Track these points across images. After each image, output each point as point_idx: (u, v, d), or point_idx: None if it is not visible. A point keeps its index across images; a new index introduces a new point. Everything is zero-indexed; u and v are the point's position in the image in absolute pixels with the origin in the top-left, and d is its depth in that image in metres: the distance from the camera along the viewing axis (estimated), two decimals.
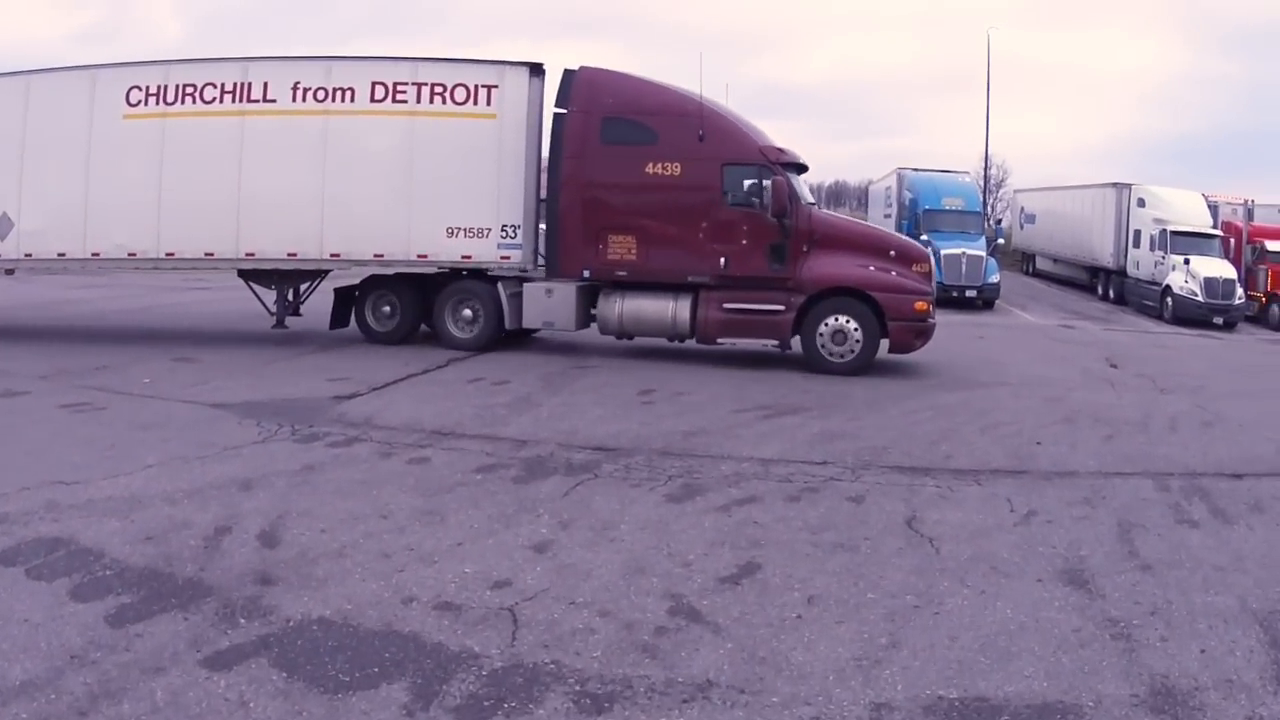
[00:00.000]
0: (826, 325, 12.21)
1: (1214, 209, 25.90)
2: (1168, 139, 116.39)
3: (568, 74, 12.88)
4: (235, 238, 13.07)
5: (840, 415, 9.75)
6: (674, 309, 12.42)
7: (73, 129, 13.05)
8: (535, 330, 13.31)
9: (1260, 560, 5.91)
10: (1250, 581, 5.52)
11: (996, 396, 11.25)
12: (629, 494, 6.70)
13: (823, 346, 12.23)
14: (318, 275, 13.73)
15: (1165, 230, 24.83)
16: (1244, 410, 11.16)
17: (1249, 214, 27.11)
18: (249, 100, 13.10)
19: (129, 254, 13.30)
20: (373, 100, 13.05)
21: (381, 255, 13.08)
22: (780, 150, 12.66)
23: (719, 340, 12.59)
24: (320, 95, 13.08)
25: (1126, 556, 5.88)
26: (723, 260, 12.31)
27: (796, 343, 12.50)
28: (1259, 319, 24.61)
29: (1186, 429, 9.88)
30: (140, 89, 13.12)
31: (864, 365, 12.11)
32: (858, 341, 12.16)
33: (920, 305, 12.27)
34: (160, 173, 13.03)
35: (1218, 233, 24.66)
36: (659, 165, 12.43)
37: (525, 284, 13.02)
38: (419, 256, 13.06)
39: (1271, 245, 24.77)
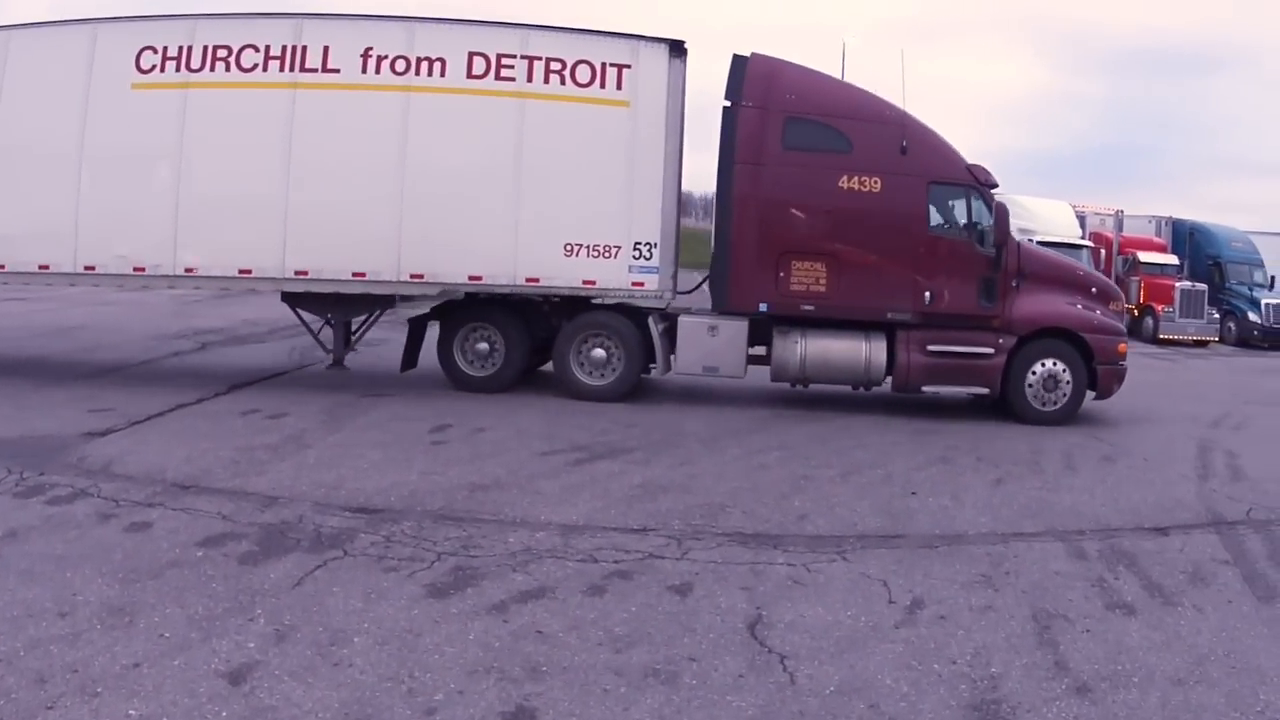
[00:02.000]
0: (1037, 370, 10.25)
1: (1082, 219, 25.10)
2: (1027, 154, 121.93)
3: (739, 60, 10.30)
4: (280, 250, 9.91)
5: (669, 458, 8.08)
6: (868, 351, 10.10)
7: (63, 102, 9.83)
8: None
9: (1225, 661, 4.69)
10: (1221, 700, 4.32)
11: (856, 429, 9.70)
12: (380, 583, 5.06)
13: (1032, 394, 10.21)
14: (387, 302, 10.58)
15: (1031, 240, 23.70)
16: (1146, 440, 10.17)
17: (1119, 224, 26.42)
18: (303, 69, 9.95)
19: (135, 269, 10.03)
20: (469, 75, 10.02)
21: (479, 277, 10.09)
22: (985, 169, 10.38)
23: (923, 389, 10.30)
24: (400, 66, 10.00)
25: (1053, 672, 4.48)
26: (927, 295, 10.06)
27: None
28: (1132, 331, 23.89)
29: (1085, 466, 8.71)
30: (155, 50, 9.89)
31: (1071, 415, 10.29)
32: (1069, 386, 10.27)
33: (1122, 347, 10.68)
34: (180, 162, 9.85)
35: (1087, 243, 23.62)
36: (855, 179, 10.05)
37: (681, 318, 10.29)
38: (528, 280, 10.13)
39: (1144, 256, 24.28)
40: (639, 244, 10.13)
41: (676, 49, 10.22)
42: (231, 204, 9.89)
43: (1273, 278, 24.20)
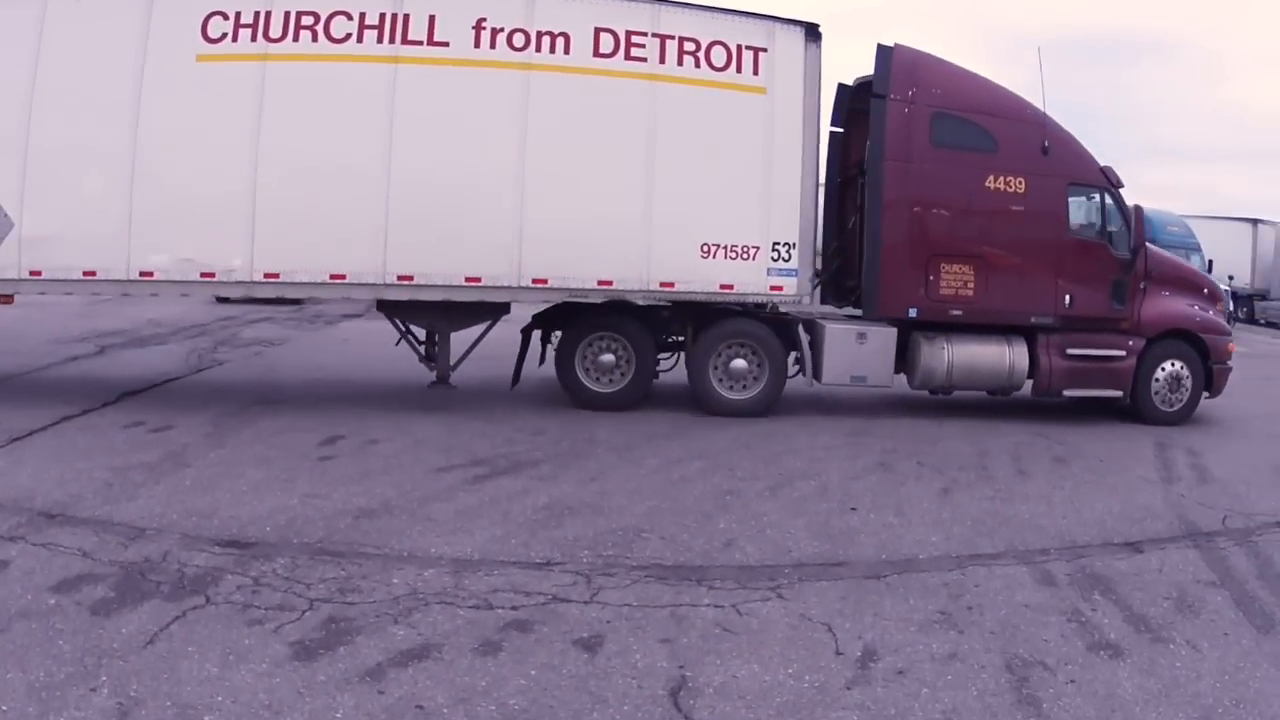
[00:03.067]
0: (1163, 371, 10.18)
1: None
2: None
3: (884, 51, 9.60)
4: (381, 252, 8.47)
5: (578, 472, 7.24)
6: (1011, 357, 9.73)
7: (112, 79, 8.07)
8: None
9: (1235, 713, 4.08)
10: None
11: (784, 432, 8.92)
12: (242, 640, 4.17)
13: (1157, 395, 10.16)
14: (500, 310, 9.27)
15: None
16: (1098, 437, 9.54)
17: None
18: (405, 40, 8.47)
19: (203, 274, 8.33)
20: (596, 54, 8.84)
21: (609, 282, 8.96)
22: (1114, 171, 10.16)
23: (1064, 393, 10.01)
24: (519, 41, 8.68)
25: None
26: (1067, 298, 9.79)
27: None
28: None
29: (1038, 470, 8.14)
30: (227, 16, 8.22)
31: (1189, 416, 10.30)
32: (1189, 386, 10.29)
33: (1232, 346, 10.72)
34: (256, 147, 8.22)
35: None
36: (1001, 180, 9.59)
37: (829, 326, 9.53)
38: (662, 285, 9.08)
39: None
40: (777, 244, 9.27)
41: (812, 32, 9.35)
42: (321, 197, 8.37)
43: (1209, 262, 25.67)
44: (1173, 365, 10.24)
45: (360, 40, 8.36)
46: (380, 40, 8.40)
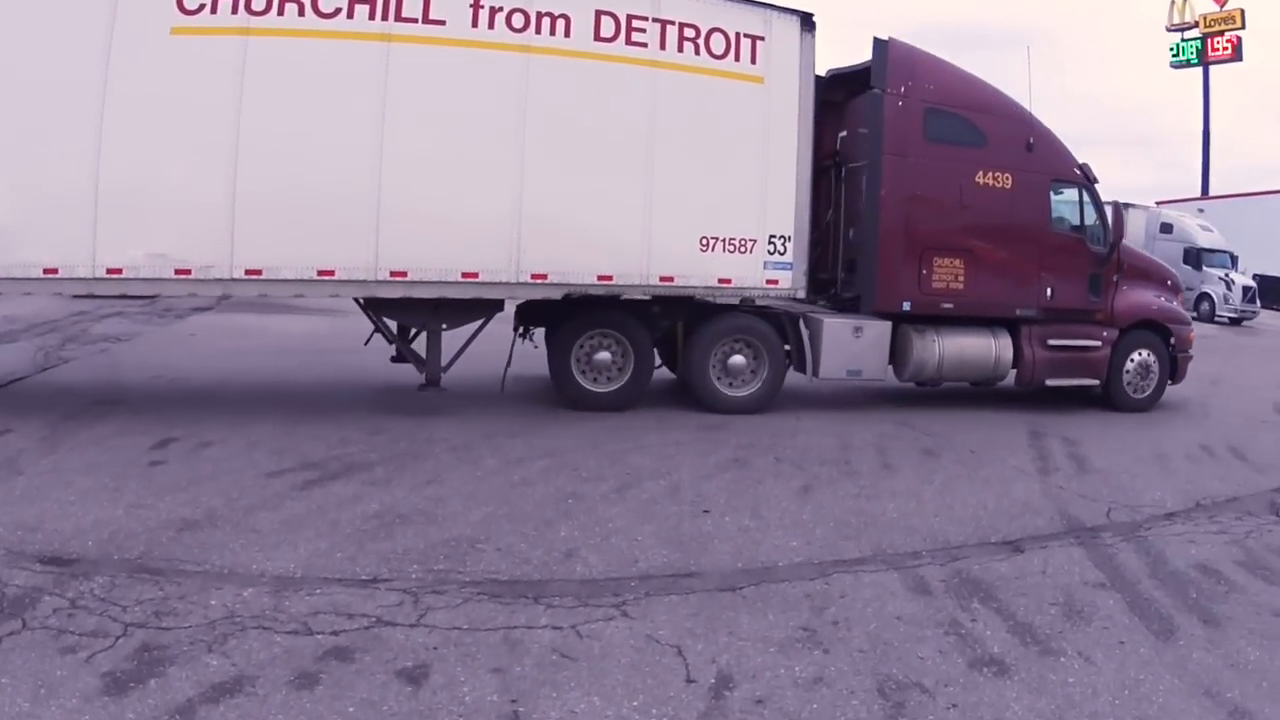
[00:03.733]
0: (1133, 360, 10.62)
1: None
2: None
3: (880, 44, 9.51)
4: (373, 246, 7.86)
5: (413, 475, 6.72)
6: (997, 348, 9.92)
7: (76, 51, 7.16)
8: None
9: None
10: None
11: (635, 427, 8.38)
12: (54, 671, 3.79)
13: (1129, 383, 10.59)
14: (494, 308, 8.77)
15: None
16: (968, 427, 9.33)
17: None
18: (399, 18, 7.85)
19: (177, 271, 7.53)
20: (597, 38, 8.41)
21: (609, 277, 8.60)
22: (1089, 167, 10.39)
23: (1046, 382, 10.23)
24: (518, 22, 8.16)
25: None
26: (1049, 291, 10.02)
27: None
28: None
29: (905, 464, 7.78)
30: None
31: (1156, 402, 10.80)
32: (1156, 374, 10.75)
33: (1192, 336, 11.22)
34: (237, 132, 7.46)
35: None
36: (990, 175, 9.72)
37: (826, 320, 9.38)
38: (662, 279, 8.78)
39: None
40: (773, 237, 9.10)
41: (807, 22, 9.16)
42: (307, 186, 7.69)
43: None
44: (1142, 354, 10.66)
45: (351, 16, 7.67)
46: (373, 17, 7.73)
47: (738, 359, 9.22)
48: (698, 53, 8.71)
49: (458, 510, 5.90)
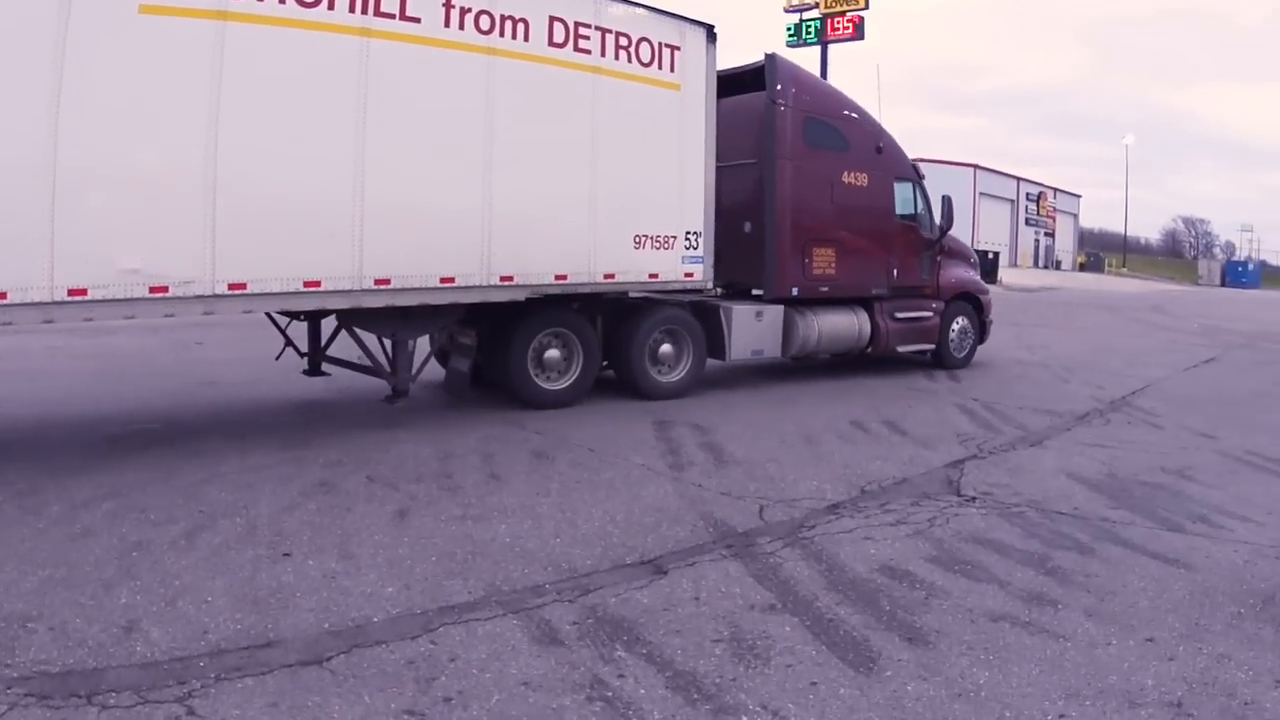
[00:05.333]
0: (955, 326, 12.66)
1: None
2: None
3: (770, 59, 10.43)
4: (358, 253, 7.34)
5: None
6: (859, 323, 11.34)
7: (25, 32, 5.87)
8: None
9: None
10: None
11: (212, 450, 6.89)
12: None
13: (953, 345, 12.61)
14: (455, 313, 8.33)
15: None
16: (581, 421, 8.39)
17: None
18: (378, 12, 7.30)
19: (152, 289, 6.45)
20: (550, 43, 8.39)
21: (564, 276, 8.68)
22: (918, 166, 12.17)
23: (897, 350, 11.83)
24: (484, 23, 7.93)
25: None
26: (895, 272, 11.66)
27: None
28: None
29: (515, 472, 6.57)
30: None
31: (971, 360, 12.82)
32: (971, 337, 12.91)
33: (991, 303, 13.48)
34: (216, 126, 6.58)
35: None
36: (852, 175, 11.11)
37: (735, 308, 10.12)
38: (605, 276, 9.01)
39: None
40: (689, 233, 9.67)
41: (710, 34, 9.73)
42: (290, 189, 7.00)
43: None
44: (961, 321, 12.66)
45: (332, 7, 7.01)
46: (353, 9, 7.13)
47: (666, 348, 9.74)
48: (630, 60, 9.00)
49: (12, 578, 4.50)
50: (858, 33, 35.27)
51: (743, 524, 5.53)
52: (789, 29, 34.68)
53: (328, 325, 8.74)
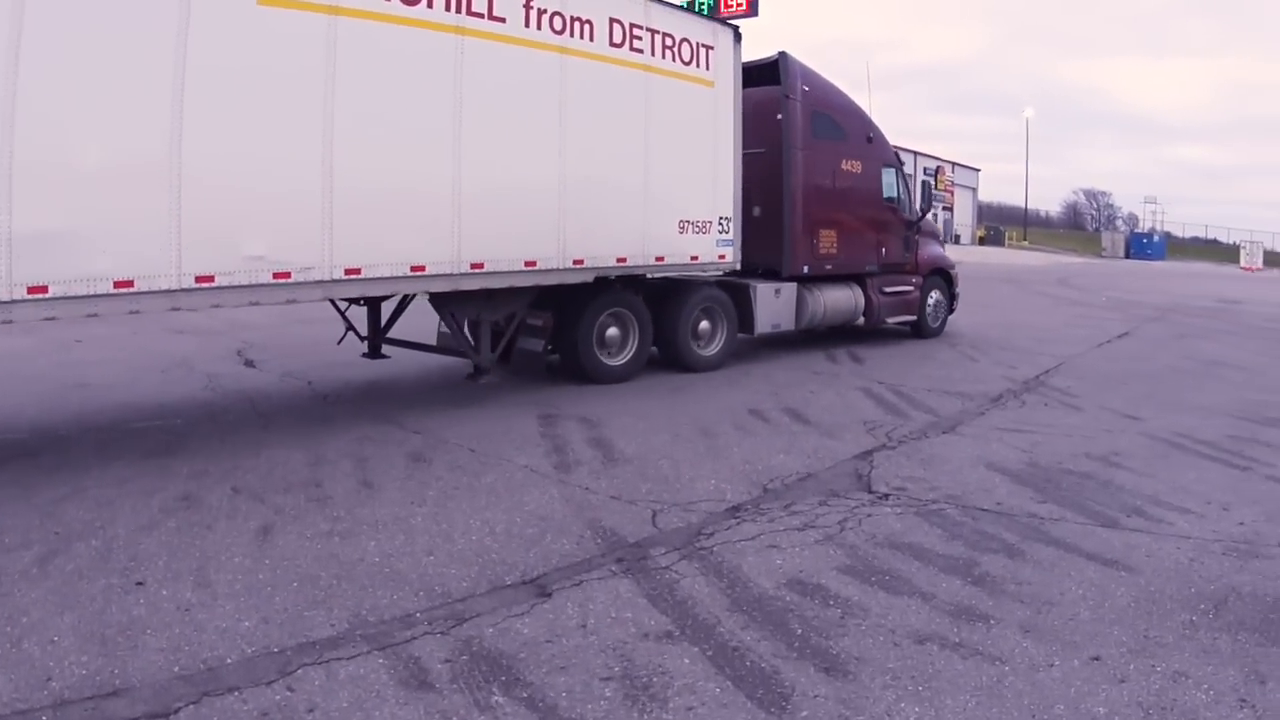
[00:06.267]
0: (931, 299, 13.50)
1: None
2: None
3: (784, 57, 11.01)
4: (455, 239, 7.59)
5: None
6: (855, 297, 12.07)
7: (149, 23, 5.88)
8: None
9: None
10: None
11: (75, 464, 6.11)
12: None
13: (930, 316, 13.46)
14: (528, 295, 8.59)
15: None
16: (462, 418, 7.60)
17: None
18: (470, 11, 7.51)
19: (275, 275, 6.56)
20: (611, 43, 8.73)
21: (625, 259, 9.07)
22: (899, 153, 12.89)
23: (886, 321, 12.60)
24: (558, 24, 8.22)
25: None
26: (884, 251, 12.41)
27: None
28: None
29: (388, 478, 5.92)
30: None
31: (944, 330, 13.65)
32: (943, 309, 13.77)
33: (958, 276, 14.35)
34: (333, 119, 6.73)
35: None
36: (849, 163, 11.85)
37: (758, 286, 10.65)
38: (656, 259, 9.42)
39: None
40: (722, 219, 10.16)
41: (737, 35, 10.21)
42: (400, 177, 7.19)
43: None
44: (935, 294, 13.45)
45: (431, 6, 7.20)
46: (449, 8, 7.33)
47: (704, 324, 10.21)
48: (674, 60, 9.39)
49: None
50: (752, 9, 35.55)
51: (634, 533, 4.95)
52: (682, 5, 35.79)
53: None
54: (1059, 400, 9.13)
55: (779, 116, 10.95)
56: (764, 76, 11.10)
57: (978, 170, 79.62)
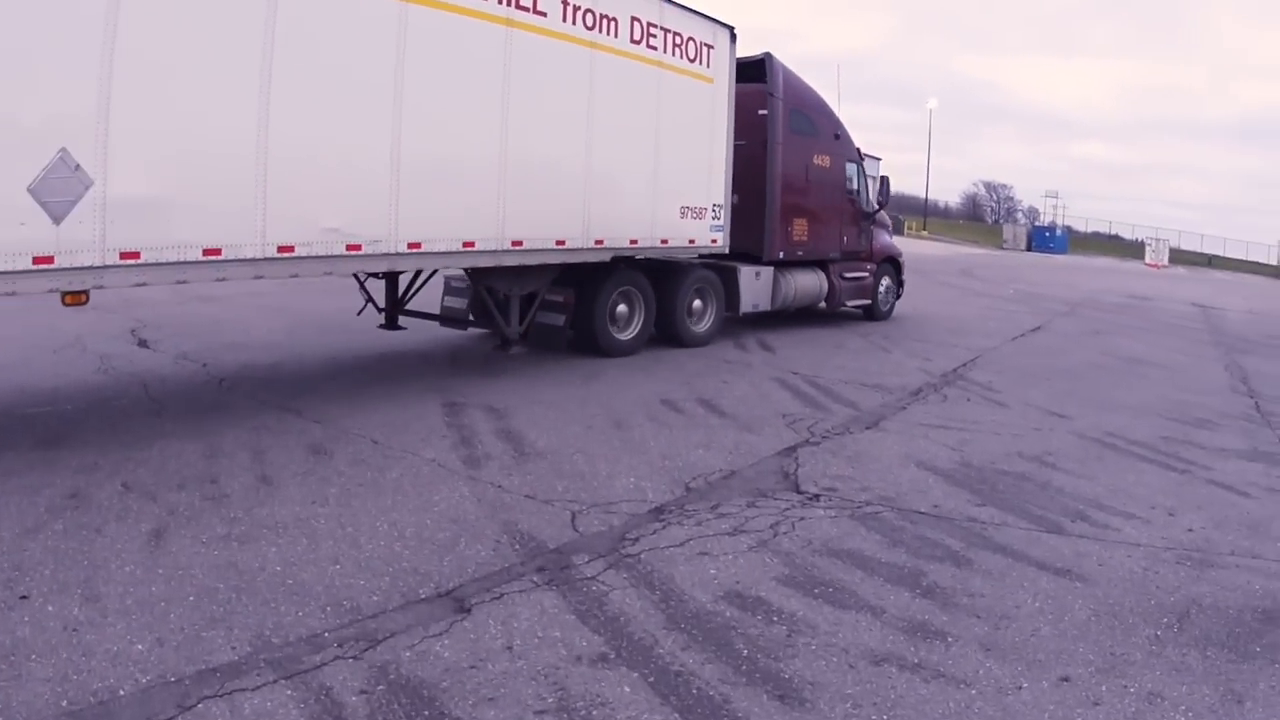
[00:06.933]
0: (883, 285, 14.44)
1: None
2: None
3: (769, 58, 11.66)
4: (500, 217, 7.99)
5: None
6: (820, 281, 12.88)
7: (237, 6, 6.07)
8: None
9: None
10: None
11: None
12: None
13: (881, 301, 14.39)
14: (550, 273, 9.02)
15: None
16: (360, 405, 7.06)
17: None
18: (518, 6, 7.89)
19: (349, 247, 6.85)
20: (631, 40, 9.20)
21: (636, 241, 9.60)
22: (861, 149, 13.74)
23: (846, 303, 13.49)
24: (589, 20, 8.65)
25: None
26: (845, 239, 13.26)
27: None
28: None
29: (288, 471, 5.42)
30: None
31: (892, 313, 14.62)
32: (892, 295, 14.77)
33: (904, 264, 15.33)
34: (401, 104, 7.05)
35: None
36: (819, 157, 12.60)
37: (742, 269, 11.32)
38: (661, 241, 9.98)
39: None
40: (715, 205, 10.78)
41: (733, 35, 10.78)
42: (455, 156, 7.59)
43: None
44: (886, 280, 14.38)
45: None
46: (500, 2, 7.72)
47: (697, 303, 10.80)
48: (681, 57, 9.92)
49: None
50: None
51: (554, 537, 4.55)
52: None
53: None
54: (981, 395, 8.93)
55: (760, 112, 11.60)
56: (748, 74, 11.68)
57: (879, 159, 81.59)
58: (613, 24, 8.92)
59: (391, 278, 9.24)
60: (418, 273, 9.08)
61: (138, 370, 7.93)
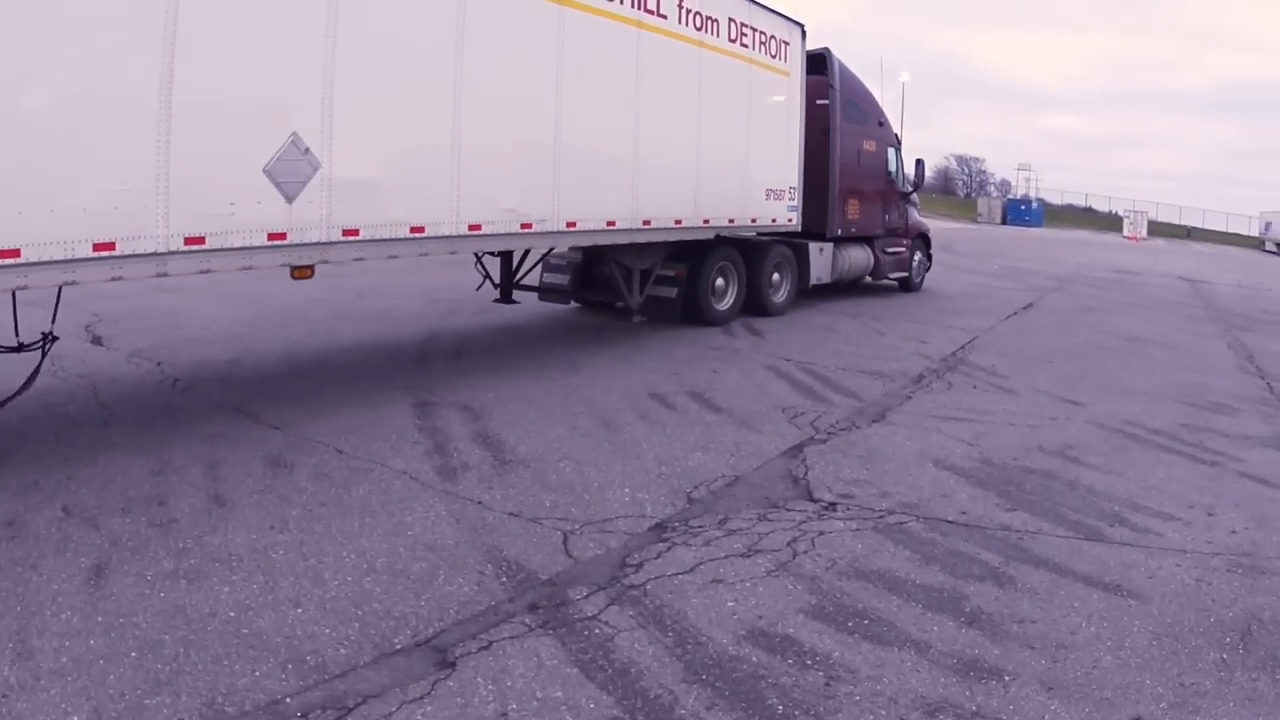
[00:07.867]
0: (916, 258, 15.24)
1: None
2: None
3: (828, 52, 12.42)
4: (634, 199, 8.68)
5: None
6: (868, 256, 13.73)
7: (440, 25, 6.67)
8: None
9: None
10: None
11: None
12: None
13: (915, 274, 15.23)
14: (664, 250, 9.71)
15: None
16: (330, 409, 6.28)
17: None
18: (645, 9, 8.56)
19: (522, 225, 7.49)
20: (729, 39, 9.88)
21: (733, 220, 10.30)
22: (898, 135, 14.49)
23: (888, 276, 14.37)
24: (698, 21, 9.32)
25: None
26: (887, 217, 14.07)
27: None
28: None
29: (243, 491, 4.70)
30: None
31: (922, 285, 15.46)
32: (925, 268, 15.66)
33: (932, 239, 16.17)
34: (560, 96, 7.70)
35: None
36: (868, 143, 13.42)
37: (810, 245, 12.11)
38: (752, 220, 10.70)
39: None
40: (790, 187, 11.49)
41: (803, 32, 11.49)
42: (604, 150, 8.33)
43: None
44: (919, 255, 15.20)
45: (622, 1, 8.26)
46: (633, 5, 8.36)
47: (775, 276, 11.50)
48: (766, 53, 10.59)
49: None
50: None
51: (545, 565, 3.95)
52: None
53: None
54: (987, 381, 8.26)
55: (820, 102, 12.29)
56: (808, 66, 12.38)
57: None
58: (715, 24, 9.59)
59: (507, 256, 9.92)
60: (527, 252, 9.73)
61: (88, 371, 7.10)
